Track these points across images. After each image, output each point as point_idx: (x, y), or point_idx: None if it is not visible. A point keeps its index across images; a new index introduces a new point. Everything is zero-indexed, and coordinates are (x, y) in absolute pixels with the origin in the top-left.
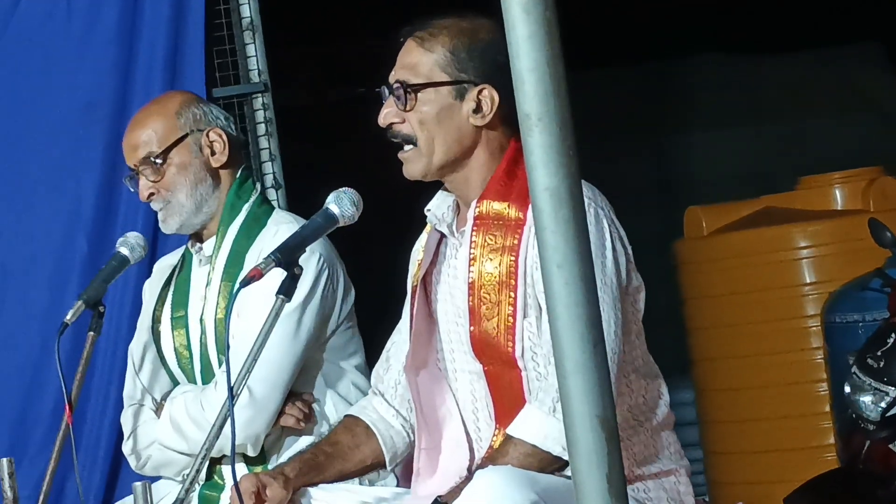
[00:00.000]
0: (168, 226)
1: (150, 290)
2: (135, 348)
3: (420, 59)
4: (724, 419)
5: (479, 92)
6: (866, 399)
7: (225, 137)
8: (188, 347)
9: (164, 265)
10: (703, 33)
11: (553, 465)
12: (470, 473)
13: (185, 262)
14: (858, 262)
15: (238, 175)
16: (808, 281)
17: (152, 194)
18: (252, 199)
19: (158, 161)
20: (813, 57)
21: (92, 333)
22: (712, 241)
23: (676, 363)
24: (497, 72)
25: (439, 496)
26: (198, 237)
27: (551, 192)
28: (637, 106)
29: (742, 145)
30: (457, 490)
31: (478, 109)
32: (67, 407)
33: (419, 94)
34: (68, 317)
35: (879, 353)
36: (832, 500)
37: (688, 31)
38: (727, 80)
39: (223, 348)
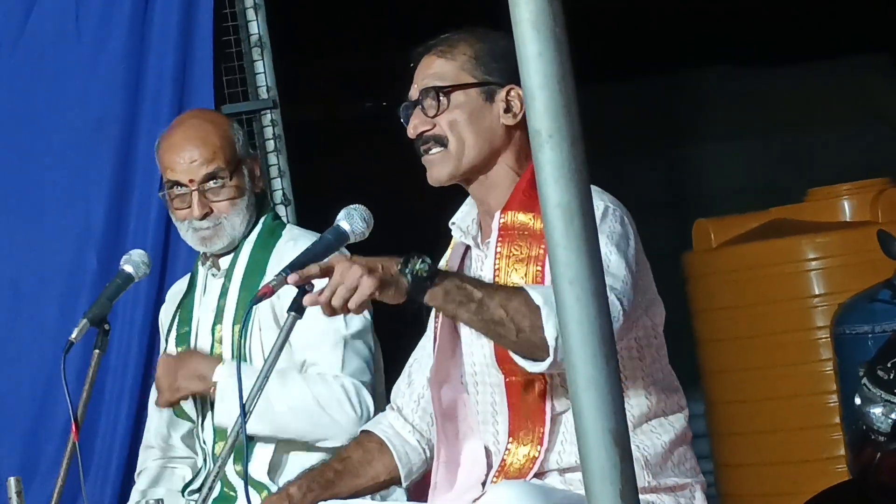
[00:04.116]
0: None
1: (164, 316)
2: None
3: (444, 66)
4: (734, 431)
5: (508, 92)
6: (877, 411)
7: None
8: None
9: (176, 291)
10: (712, 45)
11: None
12: (484, 488)
13: (191, 282)
14: (867, 273)
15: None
16: (817, 293)
17: (207, 214)
18: (266, 213)
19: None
20: (822, 68)
21: (97, 351)
22: (721, 254)
23: (686, 376)
24: None
25: None
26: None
27: (563, 208)
28: (647, 118)
29: (752, 157)
30: None
31: (508, 109)
32: (74, 425)
33: (450, 98)
34: (73, 335)
35: (889, 365)
36: None
37: (697, 43)
38: (736, 91)
39: (241, 354)
